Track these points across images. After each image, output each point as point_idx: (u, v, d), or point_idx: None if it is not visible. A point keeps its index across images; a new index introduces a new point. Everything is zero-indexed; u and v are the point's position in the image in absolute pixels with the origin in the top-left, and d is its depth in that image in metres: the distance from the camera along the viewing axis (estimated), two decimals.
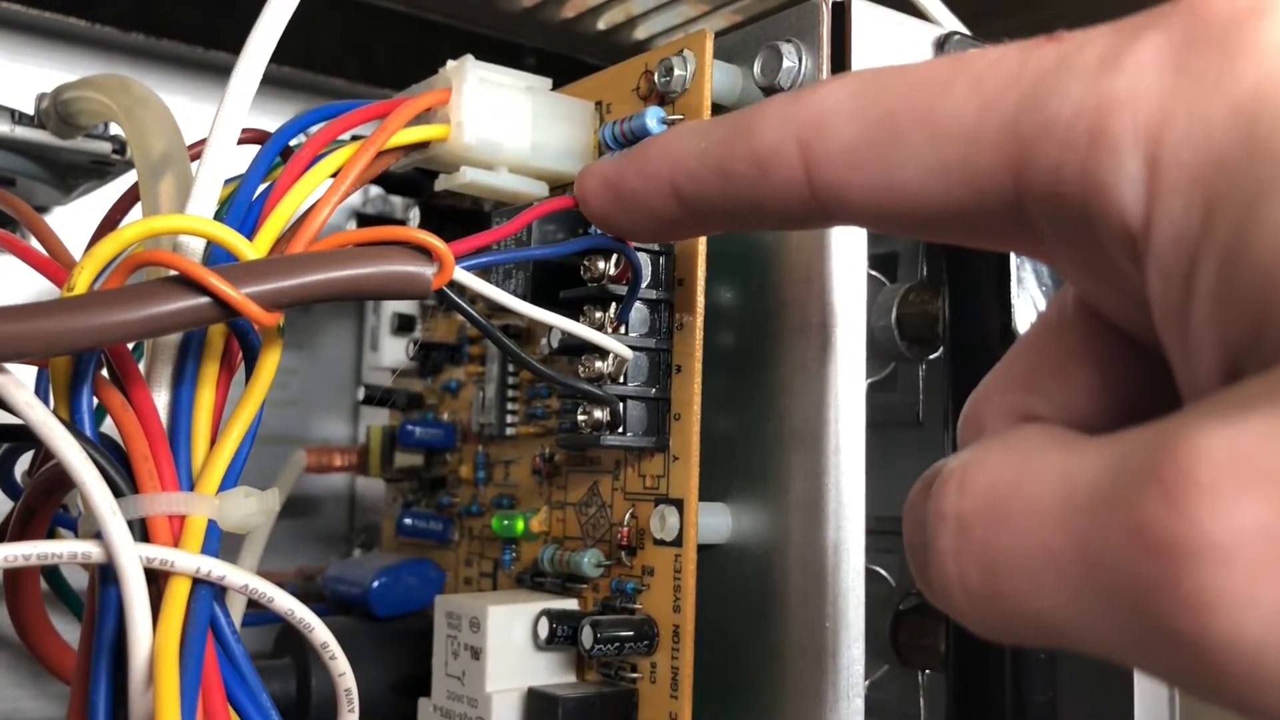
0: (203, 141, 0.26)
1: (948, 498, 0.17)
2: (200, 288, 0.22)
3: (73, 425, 0.23)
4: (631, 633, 0.30)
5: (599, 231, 0.31)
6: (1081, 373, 0.20)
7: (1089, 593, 0.15)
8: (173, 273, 0.22)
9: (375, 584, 0.40)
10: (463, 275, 0.26)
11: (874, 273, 0.37)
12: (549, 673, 0.32)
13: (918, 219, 0.19)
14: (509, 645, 0.32)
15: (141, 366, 0.25)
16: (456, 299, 0.26)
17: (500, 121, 0.31)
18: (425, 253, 0.25)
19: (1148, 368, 0.19)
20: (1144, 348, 0.19)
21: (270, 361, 0.25)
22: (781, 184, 0.21)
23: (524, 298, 0.29)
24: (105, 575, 0.23)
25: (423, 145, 0.30)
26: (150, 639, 0.23)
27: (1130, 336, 0.19)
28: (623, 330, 0.31)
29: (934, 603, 0.18)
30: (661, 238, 0.26)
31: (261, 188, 0.27)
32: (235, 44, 0.26)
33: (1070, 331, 0.20)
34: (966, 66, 0.18)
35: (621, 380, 0.31)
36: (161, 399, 0.24)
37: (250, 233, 0.25)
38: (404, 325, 0.46)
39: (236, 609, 0.34)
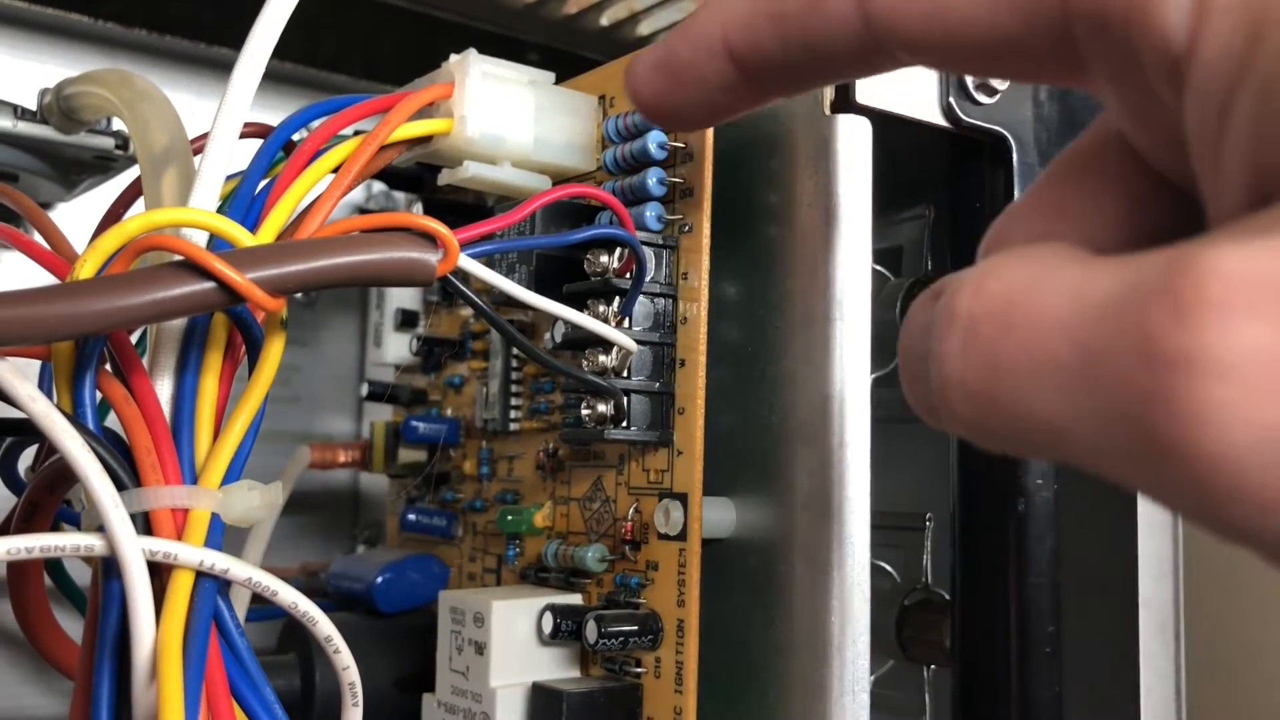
0: (205, 136, 0.26)
1: (961, 299, 0.17)
2: (205, 272, 0.22)
3: (75, 418, 0.23)
4: (636, 627, 0.30)
5: (604, 224, 0.31)
6: (1111, 204, 0.20)
7: (1088, 400, 0.15)
8: (177, 258, 0.22)
9: (379, 580, 0.40)
10: (467, 262, 0.26)
11: (878, 267, 0.37)
12: (553, 668, 0.32)
13: (968, 48, 0.19)
14: (513, 640, 0.32)
15: (144, 360, 0.25)
16: (461, 286, 0.26)
17: (503, 116, 0.31)
18: (430, 239, 0.25)
19: (1179, 208, 0.19)
20: (1177, 189, 0.19)
21: (273, 353, 0.25)
22: (836, 19, 0.20)
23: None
24: (108, 569, 0.23)
25: (425, 140, 0.30)
26: (153, 633, 0.23)
27: (1164, 177, 0.19)
28: (626, 324, 0.31)
29: (920, 410, 0.19)
30: (718, 114, 0.25)
31: (264, 183, 0.27)
32: (238, 40, 0.26)
33: (1105, 162, 0.20)
34: None
35: (625, 374, 0.31)
36: (164, 391, 0.24)
37: (253, 227, 0.25)
38: (407, 321, 0.46)
39: (240, 603, 0.34)
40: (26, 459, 0.30)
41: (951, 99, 0.31)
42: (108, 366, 0.25)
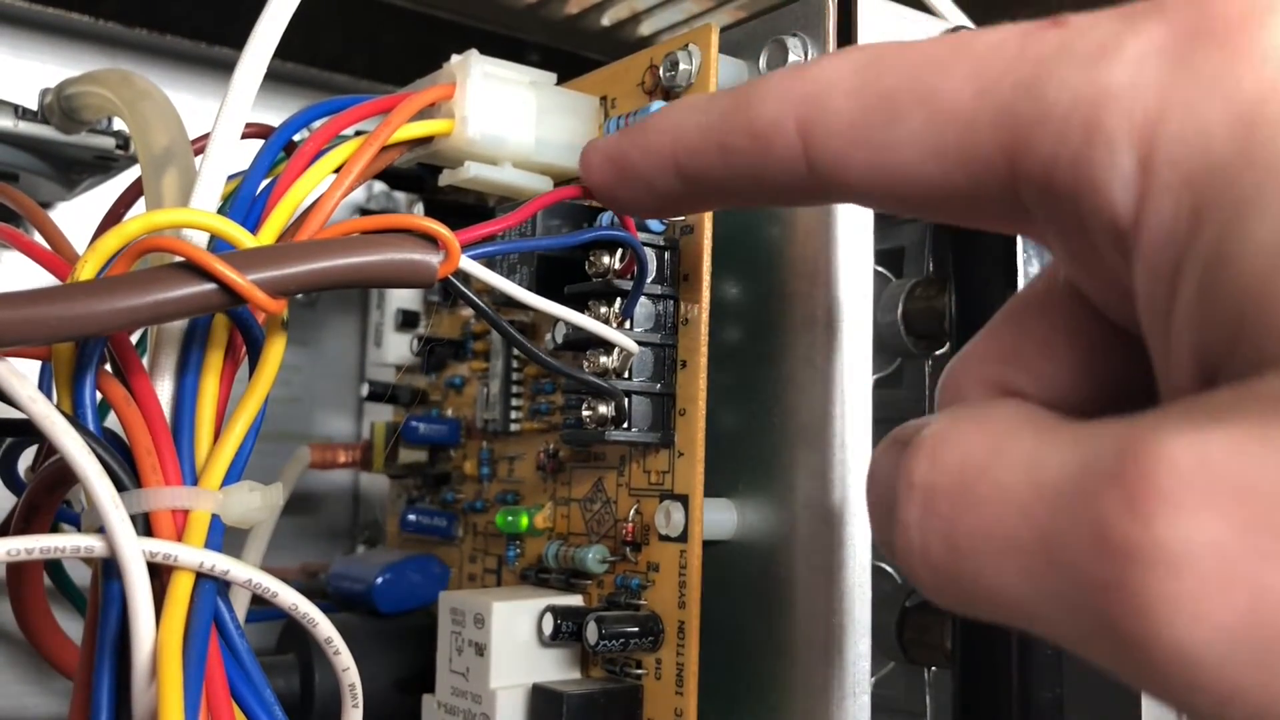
0: (206, 136, 0.26)
1: (918, 468, 0.17)
2: (206, 274, 0.22)
3: (76, 419, 0.23)
4: (636, 629, 0.30)
5: (605, 225, 0.31)
6: (1065, 352, 0.20)
7: (1047, 582, 0.15)
8: (178, 259, 0.22)
9: (379, 580, 0.40)
10: (468, 264, 0.26)
11: (880, 268, 0.36)
12: (553, 669, 0.32)
13: (914, 199, 0.19)
14: (513, 641, 0.32)
15: (145, 361, 0.25)
16: (462, 287, 0.26)
17: (504, 116, 0.31)
18: (431, 241, 0.25)
19: (1131, 354, 0.19)
20: (1129, 335, 0.19)
21: (274, 354, 0.25)
22: (780, 160, 0.20)
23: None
24: (108, 570, 0.23)
25: (426, 140, 0.30)
26: (153, 634, 0.23)
27: (1116, 324, 0.19)
28: (628, 325, 0.31)
29: (892, 562, 0.19)
30: (663, 213, 0.26)
31: (265, 183, 0.27)
32: (239, 40, 0.26)
33: (1057, 309, 0.20)
34: (967, 47, 0.18)
35: (626, 375, 0.31)
36: (165, 392, 0.24)
37: (254, 227, 0.25)
38: (408, 321, 0.46)
39: (240, 604, 0.34)
40: (26, 459, 0.30)
41: None
42: (108, 367, 0.25)
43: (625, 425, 0.31)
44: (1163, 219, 0.16)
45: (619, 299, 0.31)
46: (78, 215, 0.43)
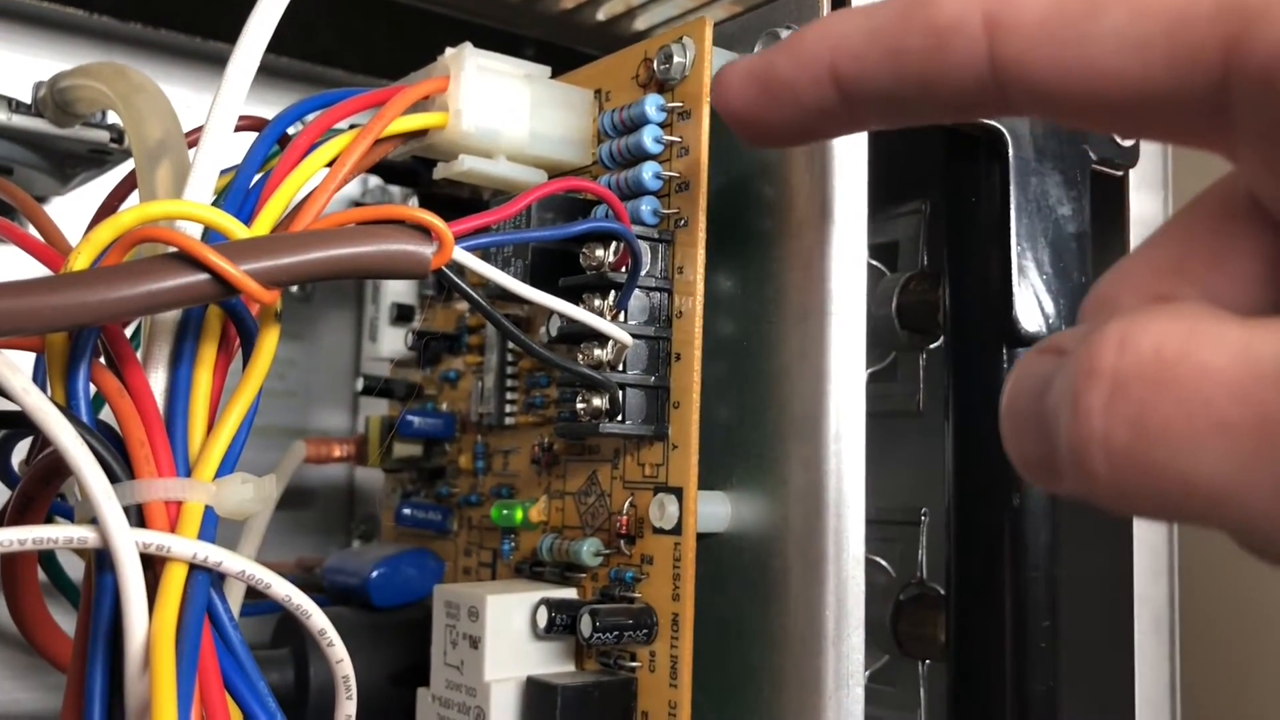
0: (200, 129, 0.26)
1: (1104, 355, 0.16)
2: (199, 264, 0.22)
3: (69, 411, 0.23)
4: (630, 621, 0.30)
5: (600, 218, 0.31)
6: (1239, 265, 0.19)
7: (1261, 463, 0.15)
8: (172, 250, 0.22)
9: (374, 574, 0.40)
10: (462, 255, 0.26)
11: (874, 262, 0.37)
12: (548, 662, 0.32)
13: (1107, 100, 0.18)
14: (507, 634, 0.32)
15: (138, 352, 0.25)
16: (456, 279, 0.26)
17: (499, 109, 0.31)
18: (425, 232, 0.25)
19: None
20: None
21: (268, 346, 0.25)
22: (960, 59, 0.19)
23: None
24: (101, 561, 0.23)
25: (421, 133, 0.30)
26: (146, 625, 0.23)
27: None
28: (622, 318, 0.31)
29: (1030, 469, 0.18)
30: (808, 136, 0.24)
31: (259, 176, 0.27)
32: (233, 34, 0.26)
33: (1233, 222, 0.19)
34: None
35: (621, 368, 0.31)
36: (158, 384, 0.24)
37: (247, 220, 0.25)
38: (403, 315, 0.46)
39: (235, 597, 0.34)
40: (20, 451, 0.30)
41: None
42: (101, 359, 0.25)
43: (619, 418, 0.31)
44: None
45: (613, 292, 0.31)
46: (72, 209, 0.43)
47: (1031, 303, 0.32)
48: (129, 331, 0.26)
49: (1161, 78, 0.17)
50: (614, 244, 0.31)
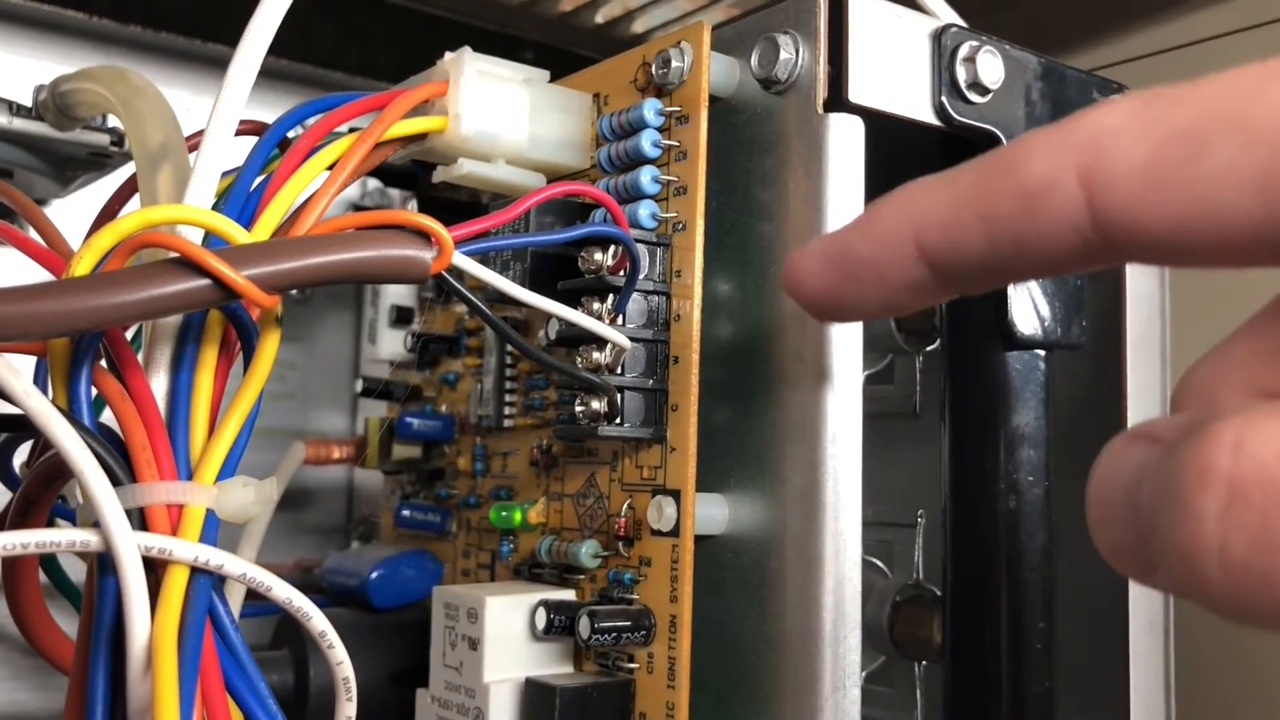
0: (201, 133, 0.26)
1: (1219, 457, 0.15)
2: (200, 269, 0.22)
3: (71, 414, 0.23)
4: (629, 623, 0.30)
5: (598, 221, 0.32)
6: None
7: None
8: (173, 255, 0.22)
9: (373, 575, 0.40)
10: (462, 260, 0.26)
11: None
12: (546, 663, 0.32)
13: (1222, 241, 0.17)
14: (506, 636, 0.32)
15: (140, 356, 0.25)
16: (455, 283, 0.27)
17: (498, 113, 0.31)
18: (425, 237, 0.25)
19: None
20: None
21: (268, 349, 0.25)
22: (1057, 218, 0.18)
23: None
24: (103, 564, 0.23)
25: (420, 137, 0.30)
26: (148, 628, 0.23)
27: None
28: (620, 321, 0.31)
29: (1121, 561, 0.18)
30: (897, 311, 0.23)
31: (259, 179, 0.27)
32: (233, 37, 0.26)
33: None
34: (1275, 69, 0.16)
35: (619, 371, 0.31)
36: (160, 387, 0.24)
37: (248, 224, 0.26)
38: (402, 317, 0.46)
39: (235, 599, 0.34)
40: (22, 455, 0.30)
41: (944, 98, 0.31)
42: (103, 362, 0.25)
43: (618, 421, 0.31)
44: None
45: (612, 295, 0.31)
46: (73, 212, 0.43)
47: (1027, 306, 0.32)
48: (130, 335, 0.26)
49: None
50: (612, 248, 0.31)
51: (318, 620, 0.25)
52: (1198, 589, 0.16)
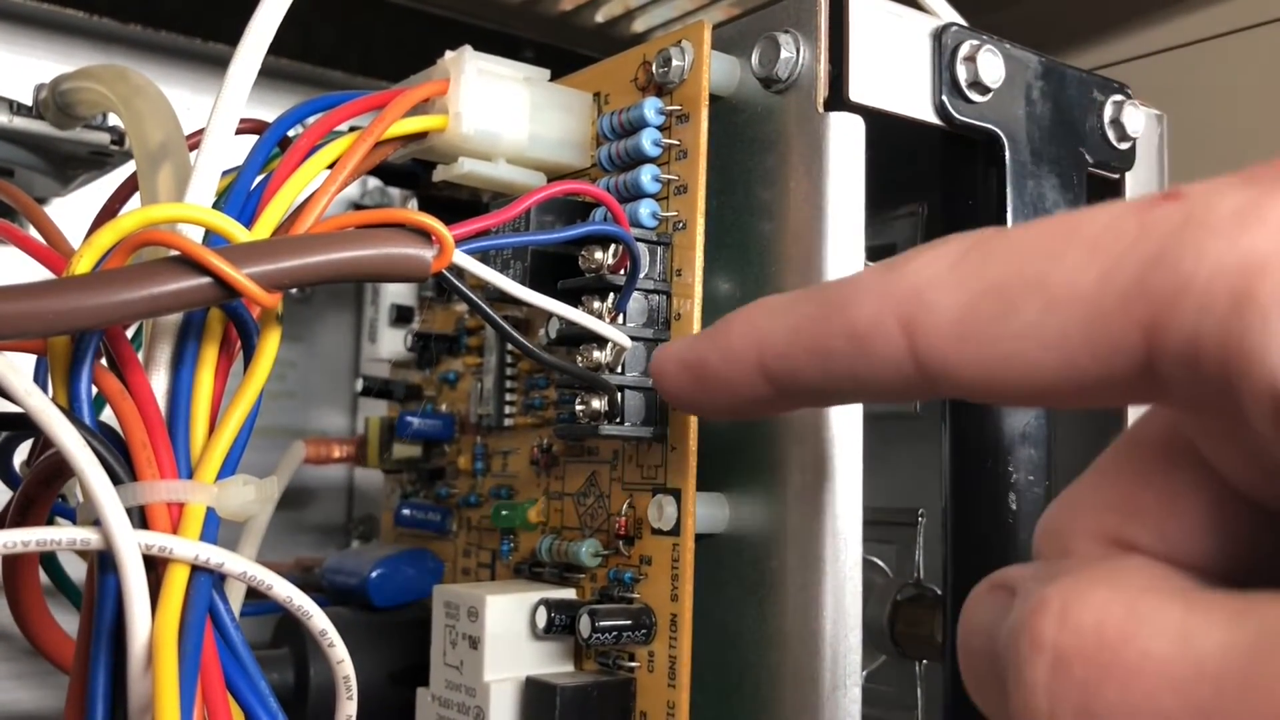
0: (201, 131, 0.26)
1: (1046, 627, 0.16)
2: (201, 268, 0.22)
3: (71, 412, 0.23)
4: (629, 622, 0.30)
5: (599, 220, 0.32)
6: (1192, 514, 0.18)
7: None
8: (173, 253, 0.22)
9: (373, 574, 0.40)
10: (462, 258, 0.26)
11: (871, 264, 0.37)
12: (547, 662, 0.32)
13: (1036, 390, 0.18)
14: (507, 634, 0.32)
15: (140, 355, 0.25)
16: (456, 282, 0.27)
17: (498, 112, 0.31)
18: (425, 235, 0.25)
19: (1266, 527, 0.18)
20: (1265, 510, 0.18)
21: (269, 348, 0.25)
22: (883, 360, 0.19)
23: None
24: (104, 562, 0.23)
25: (420, 136, 0.30)
26: (149, 626, 0.23)
27: (1249, 497, 0.18)
28: (621, 320, 0.31)
29: (998, 716, 0.18)
30: (748, 416, 0.25)
31: (259, 178, 0.27)
32: (233, 36, 0.26)
33: (1183, 469, 0.18)
34: (1076, 231, 0.17)
35: (620, 370, 0.31)
36: (160, 386, 0.24)
37: (248, 222, 0.26)
38: (402, 317, 0.46)
39: (235, 597, 0.34)
40: (22, 453, 0.30)
41: (944, 97, 0.31)
42: (103, 361, 0.25)
43: (618, 420, 0.31)
44: None
45: (612, 294, 0.31)
46: (73, 210, 0.43)
47: None
48: (130, 333, 0.26)
49: (1087, 365, 0.17)
50: (613, 247, 0.31)
51: (318, 619, 0.25)
52: None
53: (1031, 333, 0.17)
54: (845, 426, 0.29)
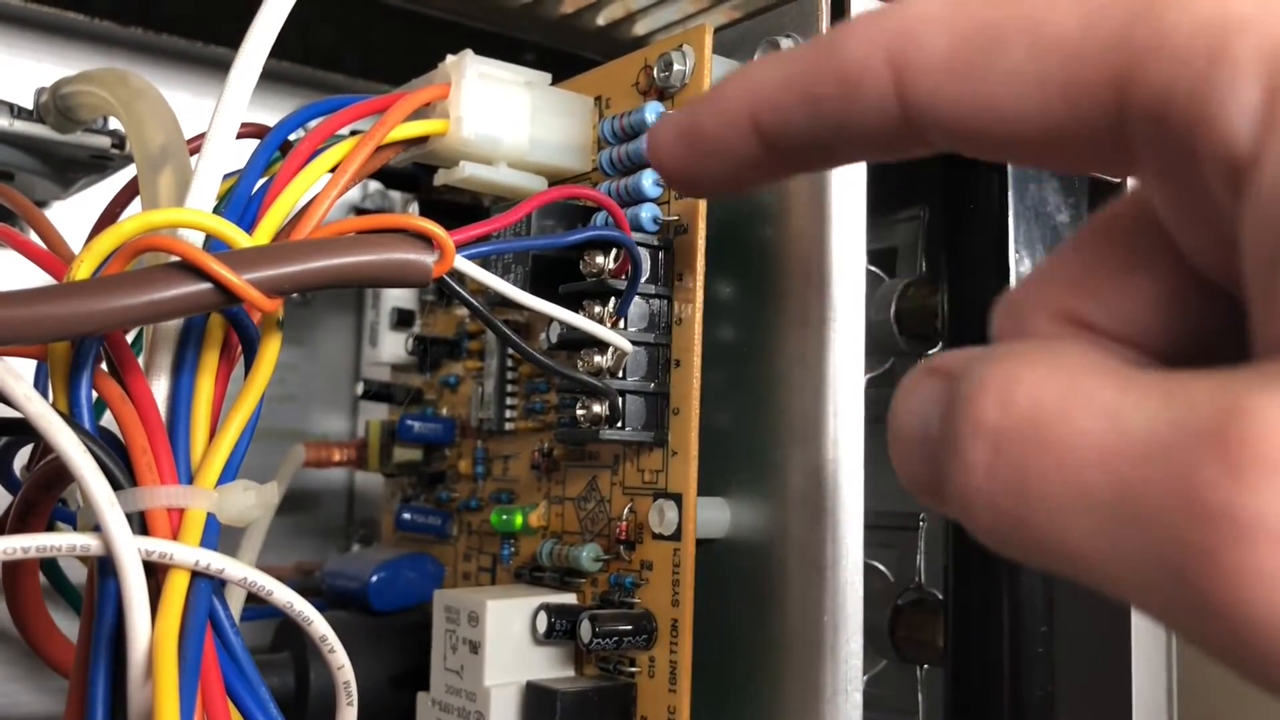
0: (202, 135, 0.26)
1: (987, 410, 0.16)
2: (202, 273, 0.22)
3: (71, 418, 0.23)
4: (630, 627, 0.30)
5: (600, 225, 0.31)
6: (1144, 289, 0.19)
7: (1122, 538, 0.14)
8: (174, 258, 0.22)
9: (374, 578, 0.40)
10: (463, 264, 0.26)
11: (873, 268, 0.37)
12: (547, 667, 0.32)
13: (1012, 136, 0.18)
14: (507, 639, 0.32)
15: (140, 360, 0.25)
16: (457, 286, 0.26)
17: (499, 116, 0.31)
18: (426, 241, 0.25)
19: (1219, 305, 0.18)
20: (1217, 286, 0.18)
21: (270, 353, 0.25)
22: (871, 102, 0.19)
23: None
24: (104, 568, 0.23)
25: (421, 140, 0.30)
26: (149, 632, 0.23)
27: (1203, 273, 0.18)
28: (622, 325, 0.31)
29: (918, 492, 0.18)
30: (742, 186, 0.24)
31: (261, 182, 0.27)
32: (234, 39, 0.26)
33: (1141, 243, 0.19)
34: None
35: (620, 375, 0.31)
36: (160, 391, 0.24)
37: (250, 227, 0.26)
38: (403, 320, 0.46)
39: (235, 603, 0.34)
40: (22, 458, 0.30)
41: None
42: (104, 366, 0.25)
43: (619, 424, 0.31)
44: None
45: (613, 298, 0.31)
46: (73, 214, 0.43)
47: None
48: (131, 338, 0.26)
49: (1062, 114, 0.17)
50: (614, 251, 0.31)
51: (319, 624, 0.25)
52: (971, 528, 0.17)
53: (1014, 74, 0.17)
54: (846, 429, 0.29)
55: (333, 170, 0.27)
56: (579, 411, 0.31)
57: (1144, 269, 0.19)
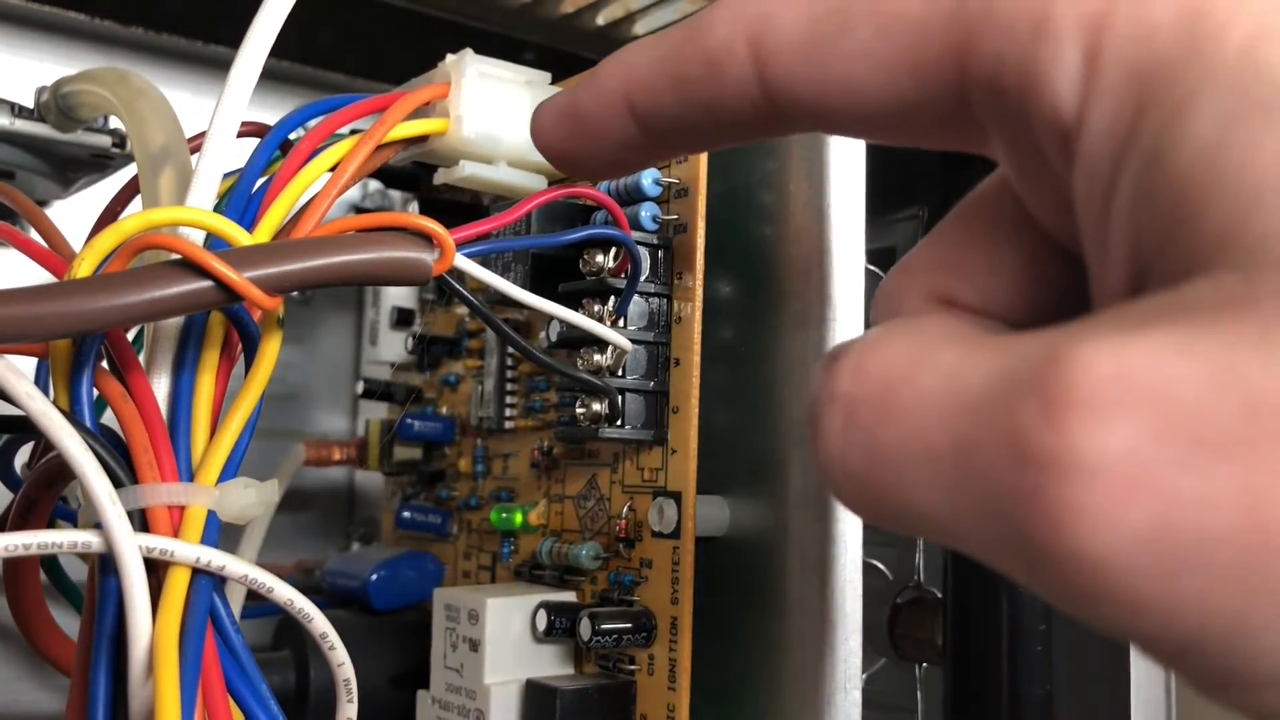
0: (202, 134, 0.26)
1: (841, 379, 0.17)
2: (202, 271, 0.22)
3: (72, 416, 0.23)
4: (629, 625, 0.30)
5: (600, 224, 0.32)
6: (1008, 265, 0.19)
7: (961, 493, 0.15)
8: (175, 256, 0.22)
9: (374, 577, 0.40)
10: (463, 262, 0.26)
11: (872, 267, 0.37)
12: (547, 665, 0.32)
13: (867, 115, 0.18)
14: (507, 637, 0.32)
15: (141, 358, 0.25)
16: (457, 285, 0.27)
17: (499, 115, 0.31)
18: (426, 239, 0.25)
19: (1075, 274, 0.18)
20: (1068, 252, 0.18)
21: (270, 351, 0.25)
22: (734, 84, 0.19)
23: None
24: (105, 565, 0.23)
25: (421, 139, 0.30)
26: (150, 629, 0.23)
27: (1056, 239, 0.19)
28: (621, 323, 0.31)
29: (819, 474, 0.19)
30: (621, 169, 0.24)
31: (261, 181, 0.27)
32: (235, 38, 0.26)
33: (1002, 220, 0.19)
34: None
35: (620, 373, 0.31)
36: (161, 389, 0.24)
37: (250, 225, 0.26)
38: (403, 319, 0.46)
39: (236, 600, 0.34)
40: (23, 456, 0.30)
41: None
42: (105, 364, 0.25)
43: (619, 423, 0.31)
44: (1104, 117, 0.15)
45: (613, 297, 0.31)
46: (74, 213, 0.43)
47: None
48: (131, 336, 0.26)
49: (908, 90, 0.18)
50: (614, 250, 0.31)
51: (319, 622, 0.25)
52: (835, 495, 0.17)
53: (862, 54, 0.18)
54: None
55: (333, 169, 0.27)
56: (579, 410, 0.31)
57: (1005, 244, 0.19)
